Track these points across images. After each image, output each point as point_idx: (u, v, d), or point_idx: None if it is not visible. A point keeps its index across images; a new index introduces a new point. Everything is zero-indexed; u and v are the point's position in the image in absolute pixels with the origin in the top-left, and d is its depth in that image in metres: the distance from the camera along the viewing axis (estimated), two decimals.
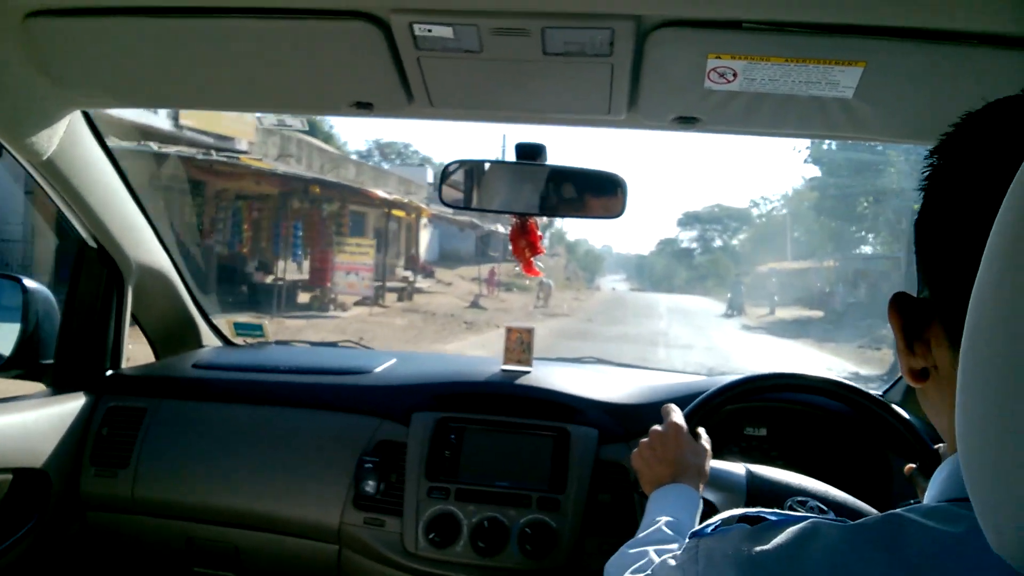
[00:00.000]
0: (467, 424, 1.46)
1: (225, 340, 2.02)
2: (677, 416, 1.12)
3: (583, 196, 1.29)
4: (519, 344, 1.63)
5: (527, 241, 1.31)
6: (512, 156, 1.27)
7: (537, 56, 1.00)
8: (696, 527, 0.58)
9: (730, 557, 0.49)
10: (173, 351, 1.89)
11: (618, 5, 0.91)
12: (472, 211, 1.32)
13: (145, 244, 1.68)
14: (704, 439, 1.12)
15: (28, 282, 1.51)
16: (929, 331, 0.51)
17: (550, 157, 1.27)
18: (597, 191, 1.29)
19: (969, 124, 0.50)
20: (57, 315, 1.57)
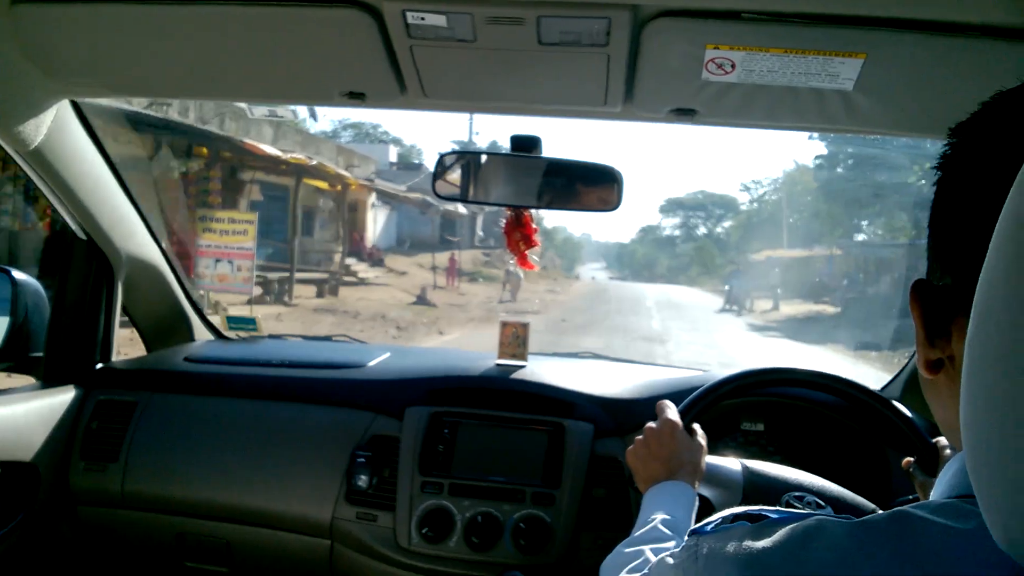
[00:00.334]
0: (461, 419, 1.45)
1: (217, 333, 2.01)
2: (672, 413, 1.11)
3: (579, 189, 1.28)
4: (514, 338, 1.62)
5: (522, 234, 1.30)
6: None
7: (532, 46, 0.99)
8: (694, 525, 0.56)
9: (732, 556, 0.48)
10: (164, 344, 1.87)
11: None
12: (469, 203, 1.30)
13: (135, 236, 1.66)
14: (699, 435, 1.11)
15: (17, 274, 1.49)
16: (953, 323, 0.49)
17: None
18: (593, 184, 1.28)
19: (994, 106, 0.48)
20: (47, 307, 1.55)
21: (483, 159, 1.31)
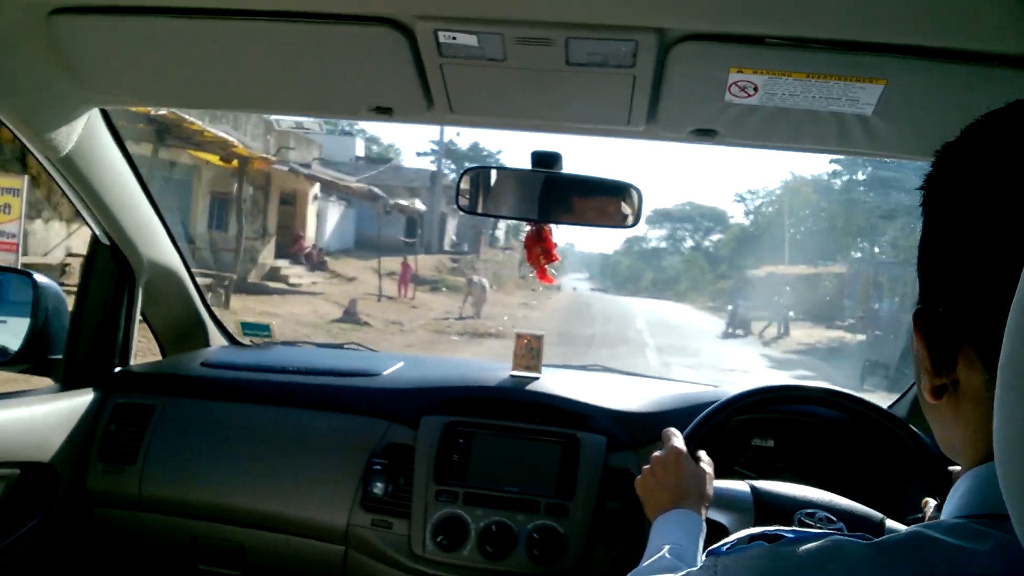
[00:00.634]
0: (476, 429, 1.46)
1: (232, 339, 2.02)
2: (677, 441, 1.11)
3: (599, 205, 1.30)
4: (528, 350, 1.64)
5: (542, 248, 1.32)
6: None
7: (560, 66, 1.01)
8: (712, 547, 0.57)
9: None
10: (179, 349, 1.89)
11: (642, 18, 0.92)
12: (490, 217, 1.32)
13: (157, 243, 1.68)
14: (705, 462, 1.12)
15: (39, 277, 1.51)
16: (959, 352, 0.50)
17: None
18: (613, 200, 1.30)
19: (976, 132, 0.50)
20: (67, 311, 1.57)
21: (505, 174, 1.34)
